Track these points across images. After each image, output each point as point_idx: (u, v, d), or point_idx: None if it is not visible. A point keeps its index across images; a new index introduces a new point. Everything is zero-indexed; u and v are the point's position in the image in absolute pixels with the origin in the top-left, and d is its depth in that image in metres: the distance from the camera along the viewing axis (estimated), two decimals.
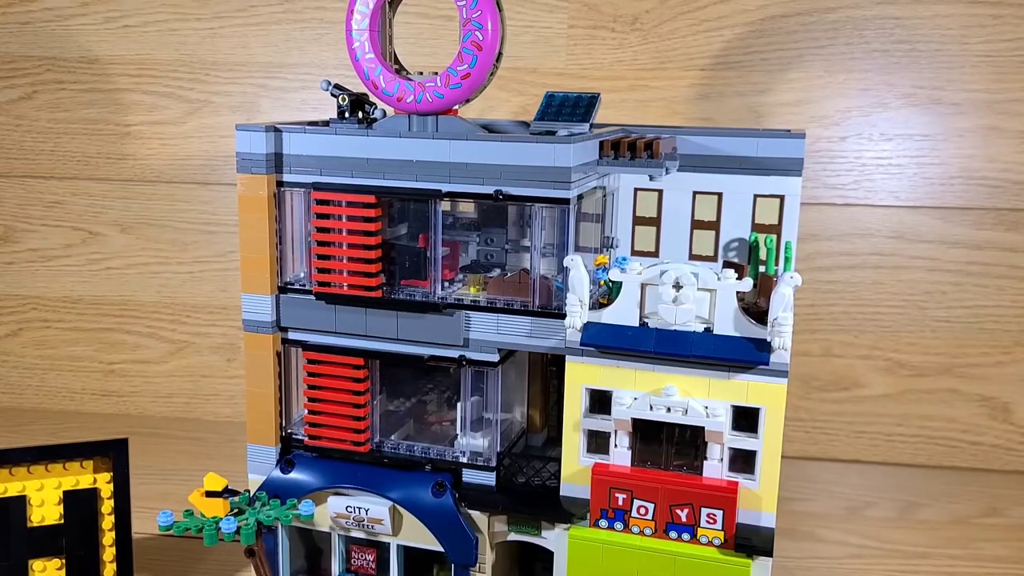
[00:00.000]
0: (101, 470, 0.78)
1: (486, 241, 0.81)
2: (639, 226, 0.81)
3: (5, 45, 1.27)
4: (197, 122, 1.26)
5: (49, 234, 1.31)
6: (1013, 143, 1.13)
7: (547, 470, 0.77)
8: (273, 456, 0.79)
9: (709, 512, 0.68)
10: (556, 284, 0.72)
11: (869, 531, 1.02)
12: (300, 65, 1.23)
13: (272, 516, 0.68)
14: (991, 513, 1.07)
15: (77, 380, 1.34)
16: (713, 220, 0.79)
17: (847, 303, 1.19)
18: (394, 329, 0.74)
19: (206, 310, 1.30)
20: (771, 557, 0.67)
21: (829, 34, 1.14)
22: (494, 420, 0.76)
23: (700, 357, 0.67)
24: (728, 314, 0.67)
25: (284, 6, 1.22)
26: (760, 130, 0.79)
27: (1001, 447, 1.19)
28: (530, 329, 0.72)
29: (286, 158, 0.75)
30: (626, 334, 0.68)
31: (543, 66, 1.19)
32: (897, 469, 1.19)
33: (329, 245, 0.75)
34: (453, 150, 0.71)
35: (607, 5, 1.17)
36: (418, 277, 0.75)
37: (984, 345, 1.17)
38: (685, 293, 0.67)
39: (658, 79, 1.17)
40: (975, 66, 1.12)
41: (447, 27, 1.19)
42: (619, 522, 0.70)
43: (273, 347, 0.77)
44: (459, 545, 0.74)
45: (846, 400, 1.21)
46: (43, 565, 0.76)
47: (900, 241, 1.17)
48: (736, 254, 0.79)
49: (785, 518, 1.02)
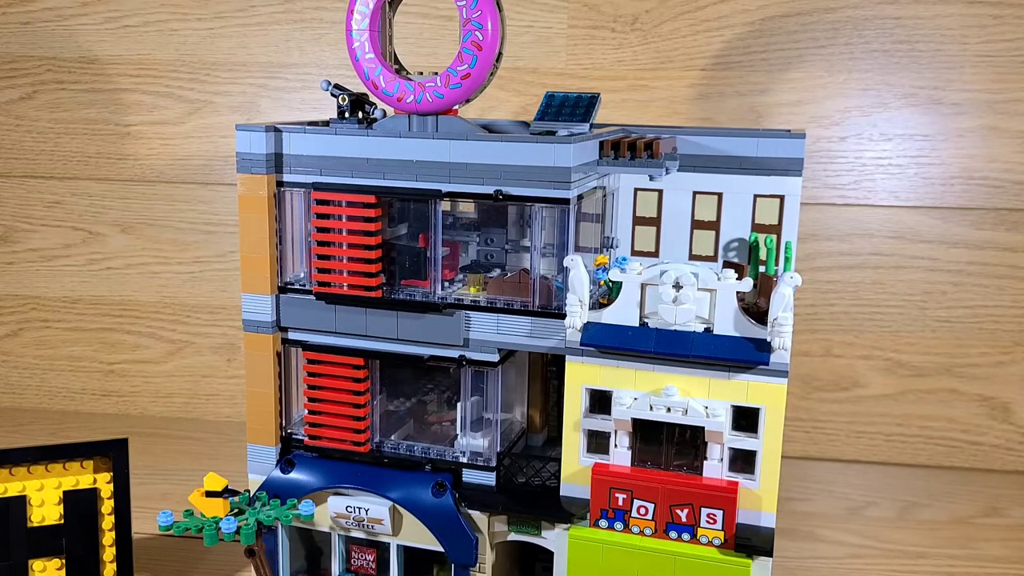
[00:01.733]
0: (101, 470, 0.78)
1: (486, 241, 0.81)
2: (639, 226, 0.81)
3: (5, 45, 1.27)
4: (197, 122, 1.26)
5: (49, 234, 1.31)
6: (1013, 143, 1.13)
7: (547, 470, 0.77)
8: (273, 456, 0.79)
9: (709, 512, 0.68)
10: (556, 284, 0.72)
11: (869, 531, 1.02)
12: (300, 65, 1.23)
13: (272, 516, 0.68)
14: (991, 513, 1.07)
15: (77, 380, 1.34)
16: (713, 220, 0.79)
17: (847, 303, 1.19)
18: (394, 329, 0.74)
19: (206, 310, 1.30)
20: (771, 557, 0.67)
21: (829, 34, 1.14)
22: (494, 420, 0.76)
23: (700, 357, 0.67)
24: (728, 314, 0.67)
25: (284, 6, 1.22)
26: (760, 130, 0.79)
27: (1001, 447, 1.19)
28: (530, 329, 0.72)
29: (286, 158, 0.75)
30: (626, 334, 0.68)
31: (543, 66, 1.19)
32: (897, 469, 1.19)
33: (329, 245, 0.75)
34: (453, 150, 0.71)
35: (607, 5, 1.17)
36: (418, 277, 0.75)
37: (984, 345, 1.17)
38: (685, 293, 0.67)
39: (658, 79, 1.17)
40: (975, 66, 1.12)
41: (447, 27, 1.19)
42: (619, 522, 0.70)
43: (273, 347, 0.77)
44: (459, 545, 0.74)
45: (846, 400, 1.21)
46: (43, 565, 0.76)
47: (900, 241, 1.17)
48: (736, 254, 0.79)
49: (785, 518, 1.02)
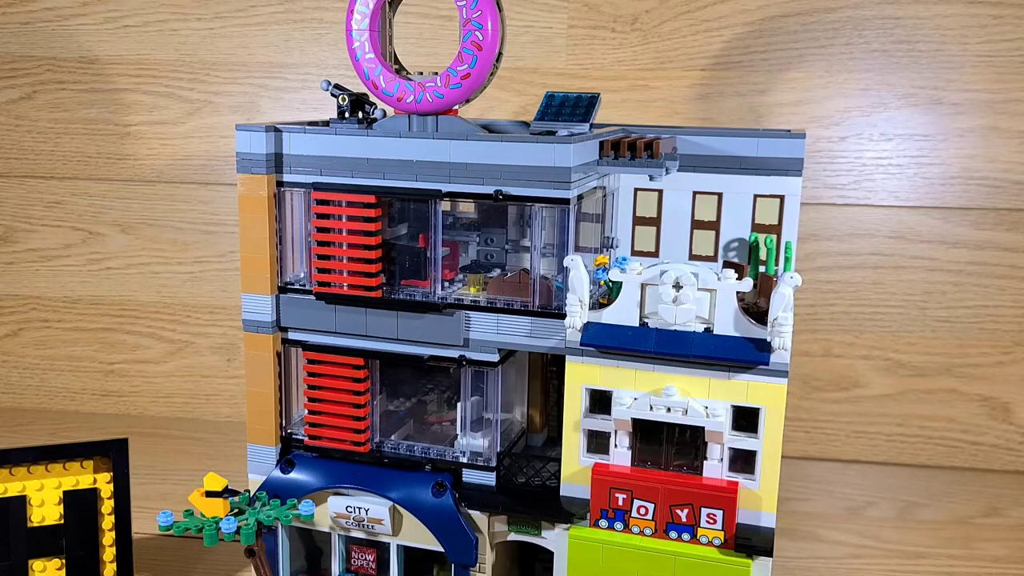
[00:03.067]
0: (101, 470, 0.78)
1: (486, 241, 0.81)
2: (639, 226, 0.81)
3: (5, 45, 1.27)
4: (197, 122, 1.26)
5: (49, 234, 1.31)
6: (1013, 143, 1.13)
7: (547, 470, 0.77)
8: (273, 456, 0.79)
9: (709, 512, 0.68)
10: (556, 284, 0.72)
11: (869, 531, 1.02)
12: (300, 65, 1.23)
13: (272, 516, 0.68)
14: (991, 513, 1.07)
15: (77, 380, 1.34)
16: (713, 220, 0.79)
17: (847, 303, 1.19)
18: (394, 329, 0.74)
19: (206, 310, 1.30)
20: (771, 557, 0.67)
21: (829, 34, 1.14)
22: (494, 420, 0.76)
23: (700, 357, 0.67)
24: (728, 314, 0.67)
25: (284, 6, 1.22)
26: (760, 130, 0.79)
27: (1001, 447, 1.19)
28: (530, 329, 0.72)
29: (286, 158, 0.75)
30: (626, 334, 0.68)
31: (543, 66, 1.19)
32: (897, 469, 1.19)
33: (329, 245, 0.75)
34: (453, 150, 0.71)
35: (607, 5, 1.17)
36: (418, 277, 0.75)
37: (984, 345, 1.17)
38: (685, 293, 0.67)
39: (658, 79, 1.17)
40: (975, 66, 1.12)
41: (447, 27, 1.19)
42: (619, 522, 0.70)
43: (273, 347, 0.77)
44: (459, 545, 0.74)
45: (846, 400, 1.21)
46: (43, 565, 0.76)
47: (900, 241, 1.17)
48: (736, 254, 0.79)
49: (785, 518, 1.02)
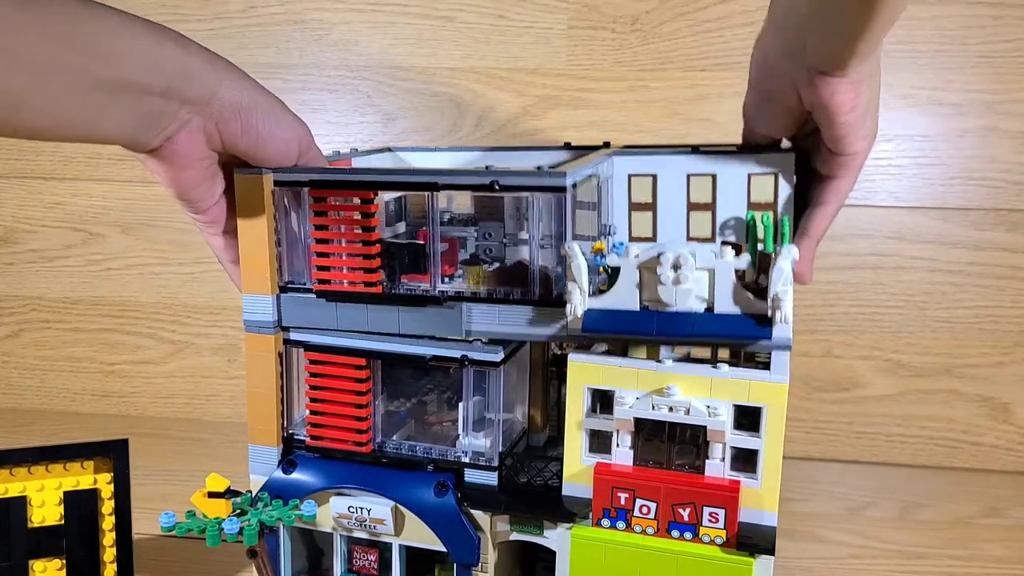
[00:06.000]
0: (101, 470, 0.78)
1: (484, 236, 0.81)
2: (635, 212, 0.80)
3: None
4: None
5: (49, 235, 1.31)
6: (1013, 143, 1.13)
7: (549, 470, 0.77)
8: (275, 457, 0.79)
9: (711, 511, 0.68)
10: (556, 273, 0.72)
11: (869, 531, 1.02)
12: (300, 65, 1.23)
13: (274, 517, 0.68)
14: (991, 513, 1.07)
15: (77, 381, 1.34)
16: (709, 202, 0.78)
17: (847, 303, 1.19)
18: (395, 324, 0.74)
19: (206, 311, 1.30)
20: (773, 556, 0.67)
21: None
22: (496, 420, 0.76)
23: (703, 336, 0.66)
24: (727, 291, 0.66)
25: (284, 6, 1.22)
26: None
27: (1001, 447, 1.19)
28: (531, 318, 0.72)
29: None
30: (627, 318, 0.68)
31: (543, 66, 1.19)
32: (897, 470, 1.19)
33: (328, 243, 0.75)
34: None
35: (607, 6, 1.17)
36: (418, 272, 0.75)
37: (984, 345, 1.17)
38: (684, 273, 0.66)
39: (658, 80, 1.17)
40: (975, 66, 1.12)
41: (447, 27, 1.19)
42: (621, 521, 0.70)
43: (274, 347, 0.77)
44: (461, 545, 0.74)
45: (846, 401, 1.21)
46: (43, 565, 0.76)
47: (900, 242, 1.17)
48: (734, 233, 0.78)
49: (785, 518, 1.01)
